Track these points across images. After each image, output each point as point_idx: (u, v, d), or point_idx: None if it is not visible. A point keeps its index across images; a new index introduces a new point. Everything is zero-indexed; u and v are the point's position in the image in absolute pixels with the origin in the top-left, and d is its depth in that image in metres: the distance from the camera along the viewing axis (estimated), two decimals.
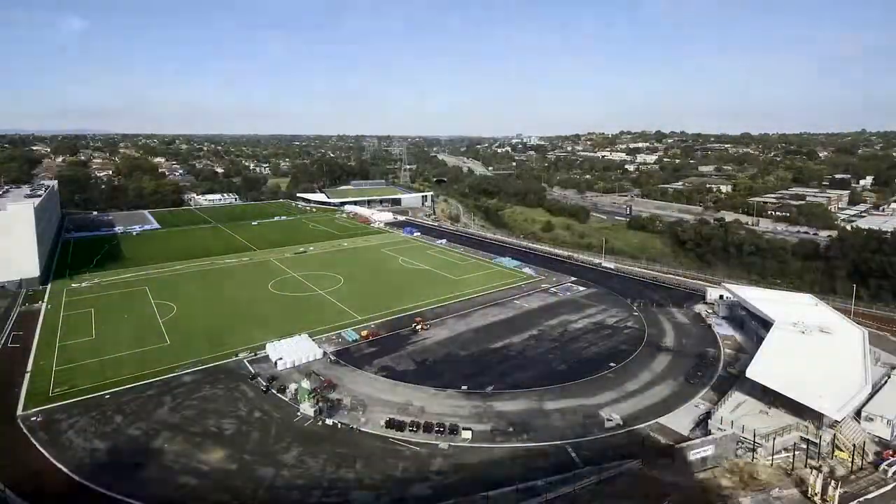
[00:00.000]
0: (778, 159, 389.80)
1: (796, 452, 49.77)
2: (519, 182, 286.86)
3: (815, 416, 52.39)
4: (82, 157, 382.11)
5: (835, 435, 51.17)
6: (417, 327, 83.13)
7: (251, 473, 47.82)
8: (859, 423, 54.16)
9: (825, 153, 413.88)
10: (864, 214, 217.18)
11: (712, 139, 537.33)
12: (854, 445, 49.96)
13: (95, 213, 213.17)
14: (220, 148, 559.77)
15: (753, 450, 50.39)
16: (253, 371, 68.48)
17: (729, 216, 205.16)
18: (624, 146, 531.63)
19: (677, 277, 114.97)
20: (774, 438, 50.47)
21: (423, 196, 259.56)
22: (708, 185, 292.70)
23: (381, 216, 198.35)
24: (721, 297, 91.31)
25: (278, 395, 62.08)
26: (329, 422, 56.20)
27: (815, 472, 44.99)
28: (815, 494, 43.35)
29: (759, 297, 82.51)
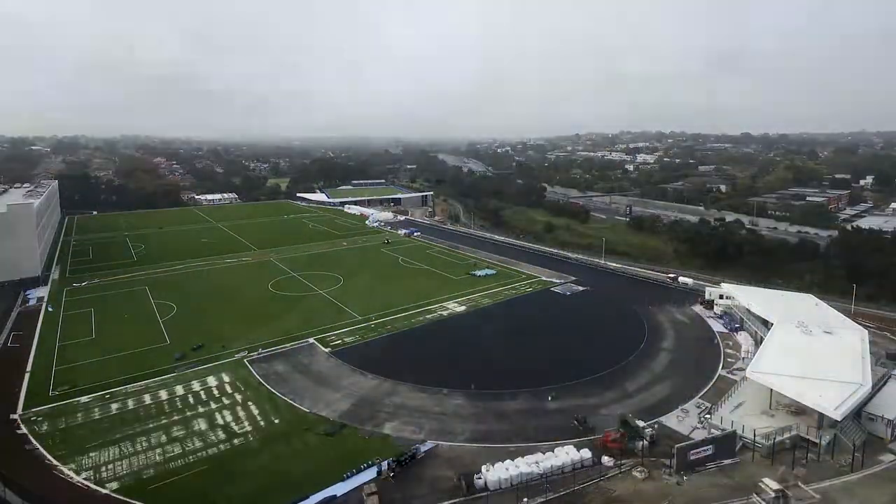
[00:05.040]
0: (778, 159, 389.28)
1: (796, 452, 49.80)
2: (519, 182, 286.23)
3: (815, 416, 52.44)
4: (82, 157, 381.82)
5: (834, 434, 51.23)
6: None
7: (247, 476, 47.98)
8: (860, 422, 54.22)
9: (825, 153, 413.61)
10: (864, 214, 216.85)
11: (712, 139, 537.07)
12: (854, 445, 49.99)
13: (95, 212, 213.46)
14: (219, 148, 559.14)
15: (753, 449, 50.45)
16: (254, 371, 68.51)
17: (729, 216, 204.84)
18: (624, 146, 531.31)
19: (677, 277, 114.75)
20: (774, 438, 50.51)
21: (423, 196, 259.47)
22: (708, 185, 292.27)
23: (381, 216, 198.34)
24: (721, 296, 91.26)
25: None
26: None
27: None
28: None
29: (760, 297, 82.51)
